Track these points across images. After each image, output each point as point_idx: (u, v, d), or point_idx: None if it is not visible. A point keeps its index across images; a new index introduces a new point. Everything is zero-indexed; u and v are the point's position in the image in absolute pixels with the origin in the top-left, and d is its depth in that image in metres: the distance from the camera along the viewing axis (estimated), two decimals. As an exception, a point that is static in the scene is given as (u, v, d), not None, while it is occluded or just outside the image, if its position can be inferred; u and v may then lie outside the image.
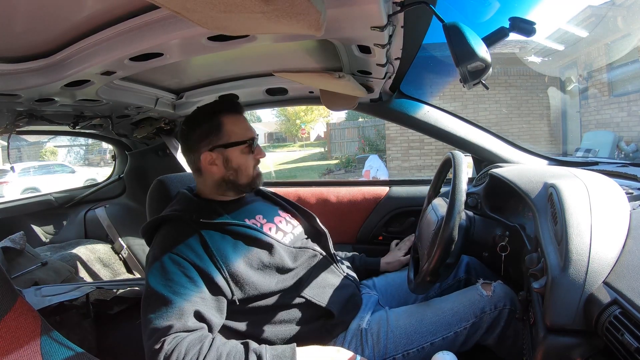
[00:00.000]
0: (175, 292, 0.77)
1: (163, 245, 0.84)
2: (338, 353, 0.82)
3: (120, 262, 1.97)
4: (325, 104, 1.35)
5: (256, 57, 1.12)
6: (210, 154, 0.93)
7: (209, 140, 0.93)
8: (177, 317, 0.75)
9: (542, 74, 7.40)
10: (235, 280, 0.84)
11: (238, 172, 0.96)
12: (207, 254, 0.83)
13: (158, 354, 0.72)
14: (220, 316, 0.83)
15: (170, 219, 0.90)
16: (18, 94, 0.95)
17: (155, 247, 0.85)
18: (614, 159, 5.39)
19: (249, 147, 0.96)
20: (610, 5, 6.12)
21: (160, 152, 1.87)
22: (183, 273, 0.80)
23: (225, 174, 0.95)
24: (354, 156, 10.39)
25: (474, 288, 0.94)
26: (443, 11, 0.69)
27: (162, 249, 0.83)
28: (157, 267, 0.81)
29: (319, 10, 0.49)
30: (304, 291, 0.92)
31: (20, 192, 8.19)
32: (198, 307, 0.78)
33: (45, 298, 1.17)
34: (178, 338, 0.73)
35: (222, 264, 0.83)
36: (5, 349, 0.60)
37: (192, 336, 0.75)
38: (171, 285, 0.78)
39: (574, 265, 0.57)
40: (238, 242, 0.88)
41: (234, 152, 0.95)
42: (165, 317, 0.75)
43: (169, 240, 0.84)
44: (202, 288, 0.80)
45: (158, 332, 0.74)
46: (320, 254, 1.01)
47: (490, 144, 1.41)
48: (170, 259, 0.81)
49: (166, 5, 0.46)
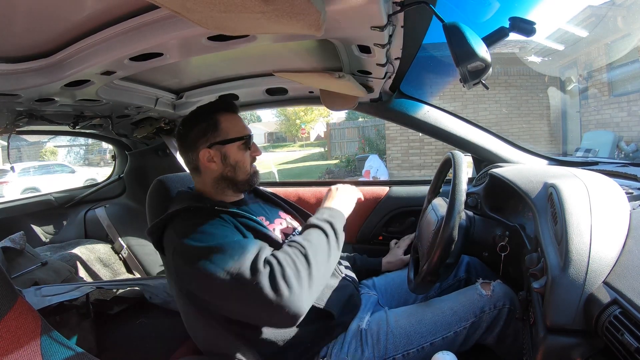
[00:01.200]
0: (233, 235, 0.81)
1: (187, 227, 0.82)
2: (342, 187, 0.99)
3: (120, 262, 1.97)
4: (325, 104, 1.35)
5: (256, 57, 1.12)
6: (208, 151, 0.94)
7: (206, 138, 0.94)
8: (255, 247, 0.77)
9: (542, 74, 7.39)
10: None
11: (236, 168, 0.96)
12: (234, 226, 0.86)
13: (272, 272, 0.71)
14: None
15: (184, 210, 0.89)
16: (18, 94, 0.95)
17: (181, 232, 0.82)
18: (614, 159, 5.38)
19: (246, 143, 0.97)
20: (610, 5, 6.12)
21: (160, 152, 1.87)
22: (223, 225, 0.83)
23: (224, 171, 0.96)
24: (354, 156, 10.38)
25: (473, 288, 0.94)
26: (443, 11, 0.69)
27: (188, 230, 0.81)
28: (194, 239, 0.79)
29: (319, 10, 0.49)
30: None
31: (20, 192, 8.18)
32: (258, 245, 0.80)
33: (45, 298, 1.17)
34: (265, 259, 0.75)
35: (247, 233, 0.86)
36: (5, 349, 0.60)
37: (274, 253, 0.77)
38: (226, 234, 0.80)
39: (574, 265, 0.57)
40: (249, 234, 0.87)
41: (232, 148, 0.95)
42: (244, 251, 0.75)
43: (193, 223, 0.83)
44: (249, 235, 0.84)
45: (250, 262, 0.73)
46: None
47: (490, 144, 1.41)
48: (210, 225, 0.82)
49: (166, 5, 0.46)
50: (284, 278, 0.71)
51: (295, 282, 0.72)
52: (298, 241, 0.80)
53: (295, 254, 0.76)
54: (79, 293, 1.23)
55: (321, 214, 0.89)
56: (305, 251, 0.77)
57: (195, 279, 0.78)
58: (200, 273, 0.75)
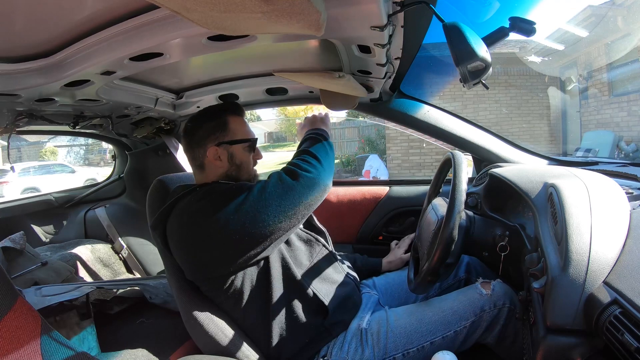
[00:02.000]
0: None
1: (195, 202, 0.86)
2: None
3: (120, 262, 1.97)
4: (325, 104, 1.35)
5: (256, 57, 1.12)
6: (216, 149, 0.95)
7: (215, 136, 0.96)
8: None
9: (542, 73, 7.39)
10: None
11: (240, 168, 0.98)
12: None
13: (296, 177, 0.87)
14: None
15: (186, 193, 0.90)
16: (18, 94, 0.95)
17: (189, 209, 0.86)
18: (614, 159, 5.38)
19: (251, 146, 1.00)
20: (610, 5, 6.12)
21: (160, 152, 1.87)
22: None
23: (229, 169, 0.97)
24: (354, 156, 10.36)
25: (473, 287, 0.94)
26: (443, 11, 0.69)
27: (217, 199, 0.84)
28: (213, 203, 0.83)
29: (319, 10, 0.49)
30: (311, 283, 0.93)
31: (20, 192, 8.18)
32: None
33: (45, 298, 1.17)
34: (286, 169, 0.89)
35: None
36: (5, 349, 0.60)
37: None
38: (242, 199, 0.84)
39: (574, 265, 0.57)
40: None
41: (239, 149, 0.97)
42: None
43: (199, 197, 0.87)
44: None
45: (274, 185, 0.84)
46: (326, 248, 1.04)
47: (490, 144, 1.41)
48: (221, 195, 0.85)
49: (166, 5, 0.46)
50: (305, 169, 0.88)
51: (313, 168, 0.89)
52: (302, 149, 0.97)
53: (304, 157, 0.92)
54: (79, 293, 1.23)
55: (307, 132, 1.05)
56: (311, 150, 0.95)
57: (213, 235, 0.81)
58: (220, 223, 0.80)
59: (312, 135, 1.03)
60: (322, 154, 0.95)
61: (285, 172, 0.89)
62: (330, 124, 1.12)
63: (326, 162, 0.94)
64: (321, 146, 0.98)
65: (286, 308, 0.90)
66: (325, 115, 1.13)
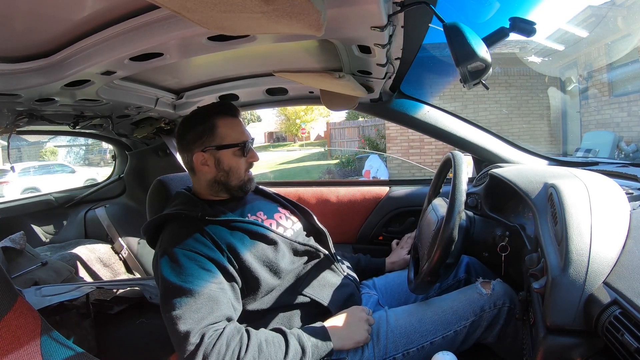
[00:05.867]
0: (198, 285, 0.77)
1: (173, 241, 0.85)
2: (357, 311, 0.90)
3: (120, 262, 1.97)
4: (325, 104, 1.35)
5: (256, 57, 1.12)
6: (202, 154, 0.95)
7: (201, 142, 0.95)
8: (208, 310, 0.75)
9: (542, 74, 7.39)
10: (242, 274, 0.86)
11: (229, 173, 0.97)
12: (216, 247, 0.85)
13: (198, 349, 0.71)
14: (239, 305, 0.84)
15: (175, 217, 0.91)
16: (18, 94, 0.95)
17: (166, 245, 0.85)
18: (614, 159, 5.37)
19: (241, 150, 0.98)
20: (610, 5, 6.12)
21: (160, 152, 1.87)
22: (200, 266, 0.80)
23: (217, 175, 0.97)
24: (354, 156, 10.36)
25: (473, 287, 0.94)
26: (443, 11, 0.69)
27: (173, 245, 0.83)
28: (171, 263, 0.81)
29: (319, 10, 0.49)
30: (304, 289, 0.93)
31: (20, 192, 8.18)
32: (222, 297, 0.79)
33: (45, 298, 1.17)
34: (217, 331, 0.74)
35: (231, 257, 0.85)
36: (5, 349, 0.60)
37: (230, 327, 0.75)
38: (192, 280, 0.78)
39: (574, 265, 0.57)
40: (244, 237, 0.90)
41: (226, 154, 0.96)
42: (195, 311, 0.74)
43: (179, 237, 0.85)
44: (221, 278, 0.81)
45: (192, 326, 0.73)
46: (321, 253, 1.03)
47: (490, 144, 1.41)
48: (184, 255, 0.81)
49: (166, 5, 0.46)
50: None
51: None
52: (260, 342, 0.76)
53: (244, 350, 0.73)
54: (79, 293, 1.23)
55: (313, 331, 0.83)
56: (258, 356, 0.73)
57: (160, 297, 0.81)
58: (162, 300, 0.78)
59: (294, 346, 0.77)
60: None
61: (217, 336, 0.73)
62: (353, 342, 0.84)
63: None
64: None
65: (284, 314, 0.91)
66: (363, 328, 0.87)
